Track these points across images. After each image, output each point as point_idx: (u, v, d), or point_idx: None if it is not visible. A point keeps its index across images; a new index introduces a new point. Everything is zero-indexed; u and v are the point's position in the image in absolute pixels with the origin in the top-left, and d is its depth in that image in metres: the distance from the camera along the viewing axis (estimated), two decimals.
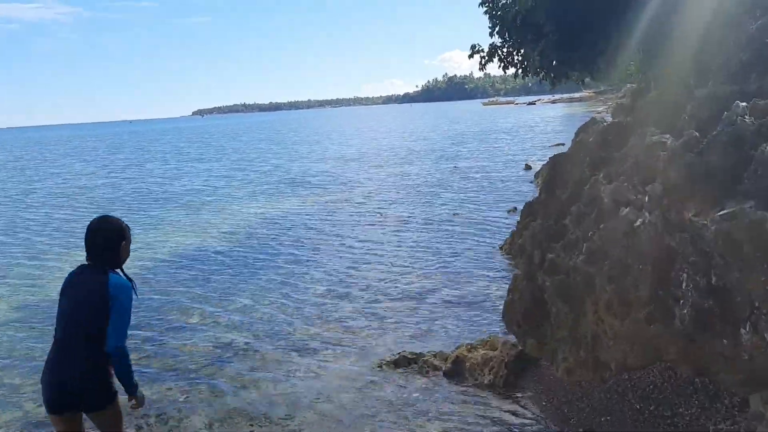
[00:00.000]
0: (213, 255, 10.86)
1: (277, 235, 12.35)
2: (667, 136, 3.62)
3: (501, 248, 9.60)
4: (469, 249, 9.90)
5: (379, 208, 14.78)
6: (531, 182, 17.19)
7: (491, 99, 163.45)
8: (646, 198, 3.29)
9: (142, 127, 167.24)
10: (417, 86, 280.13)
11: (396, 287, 8.15)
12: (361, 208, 14.90)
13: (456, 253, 9.71)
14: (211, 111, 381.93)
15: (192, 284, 9.01)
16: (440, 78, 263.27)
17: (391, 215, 13.66)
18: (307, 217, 14.26)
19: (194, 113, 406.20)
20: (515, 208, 13.06)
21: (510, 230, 10.33)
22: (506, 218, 12.40)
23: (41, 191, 23.24)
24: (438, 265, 9.09)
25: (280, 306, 7.82)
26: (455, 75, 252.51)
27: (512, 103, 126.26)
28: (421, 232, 11.59)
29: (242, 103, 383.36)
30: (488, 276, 8.26)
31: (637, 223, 3.31)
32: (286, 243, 11.52)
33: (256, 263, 10.10)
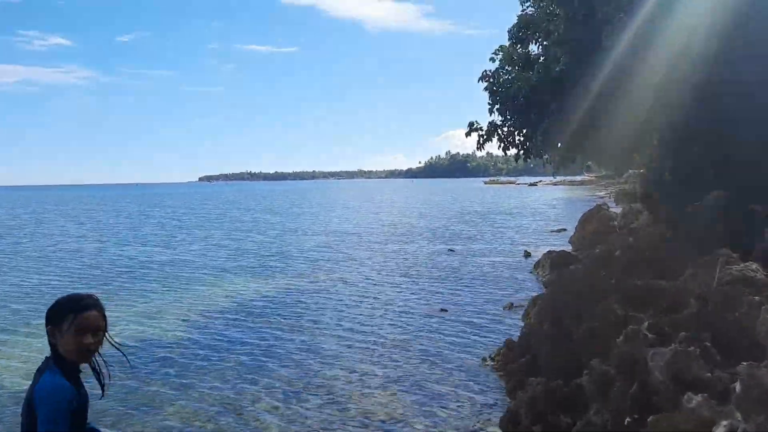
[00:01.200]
0: (173, 344, 9.68)
1: (252, 318, 11.14)
2: (754, 266, 2.20)
3: (493, 358, 8.02)
4: (455, 359, 8.38)
5: (365, 293, 13.32)
6: (530, 272, 15.76)
7: (493, 178, 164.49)
8: (737, 385, 1.83)
9: (148, 190, 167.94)
10: (420, 162, 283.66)
11: (355, 411, 6.54)
12: (345, 291, 13.62)
13: (437, 365, 8.17)
14: (217, 177, 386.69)
15: (137, 382, 7.68)
16: (443, 155, 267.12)
17: (377, 305, 12.29)
18: (291, 297, 13.10)
19: (201, 179, 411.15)
20: (512, 305, 11.65)
21: (504, 334, 8.86)
22: (501, 316, 10.94)
23: (23, 253, 22.07)
24: (414, 381, 7.54)
25: (231, 412, 6.35)
26: (458, 153, 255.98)
27: (513, 183, 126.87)
28: (403, 332, 10.08)
29: (248, 171, 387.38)
30: (474, 402, 6.68)
31: (719, 429, 1.83)
32: (258, 330, 10.28)
33: (217, 354, 8.87)
